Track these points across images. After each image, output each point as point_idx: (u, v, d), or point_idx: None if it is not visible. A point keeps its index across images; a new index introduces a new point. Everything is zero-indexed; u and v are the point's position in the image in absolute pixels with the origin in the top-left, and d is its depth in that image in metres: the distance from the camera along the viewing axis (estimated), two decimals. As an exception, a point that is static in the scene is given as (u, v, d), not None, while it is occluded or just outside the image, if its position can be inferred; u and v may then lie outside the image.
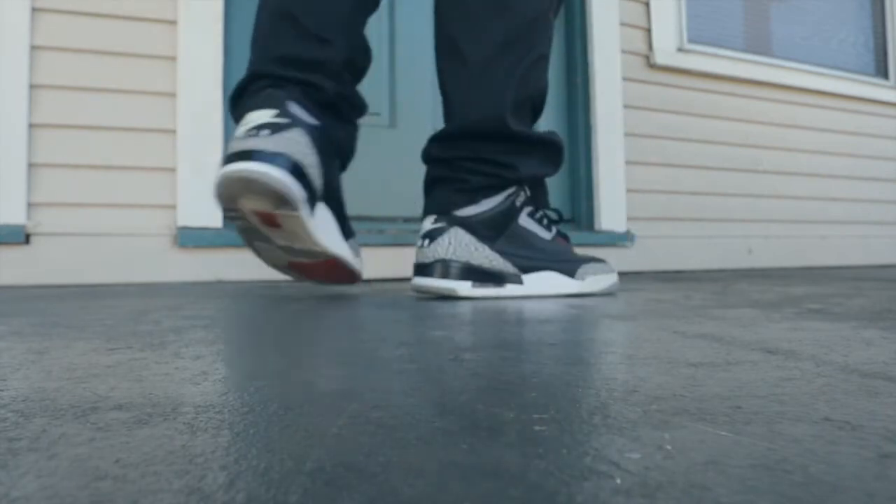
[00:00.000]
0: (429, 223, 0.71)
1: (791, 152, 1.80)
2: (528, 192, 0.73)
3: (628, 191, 1.52)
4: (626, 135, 1.54)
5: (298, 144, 0.59)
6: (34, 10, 1.07)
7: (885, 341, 0.34)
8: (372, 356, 0.31)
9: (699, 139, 1.65)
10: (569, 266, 0.72)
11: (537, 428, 0.18)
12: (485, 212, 0.70)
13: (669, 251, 1.57)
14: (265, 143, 0.57)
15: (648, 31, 1.60)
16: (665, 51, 1.60)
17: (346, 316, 0.52)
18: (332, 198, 0.66)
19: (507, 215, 0.70)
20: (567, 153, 1.55)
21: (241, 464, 0.15)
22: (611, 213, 1.49)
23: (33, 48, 1.07)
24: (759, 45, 1.85)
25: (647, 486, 0.13)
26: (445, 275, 0.67)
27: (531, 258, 0.71)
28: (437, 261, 0.68)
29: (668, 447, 0.16)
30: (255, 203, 0.58)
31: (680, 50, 1.64)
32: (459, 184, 0.71)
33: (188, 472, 0.15)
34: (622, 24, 1.56)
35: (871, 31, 2.09)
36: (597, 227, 1.47)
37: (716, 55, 1.70)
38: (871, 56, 2.08)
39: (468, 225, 0.69)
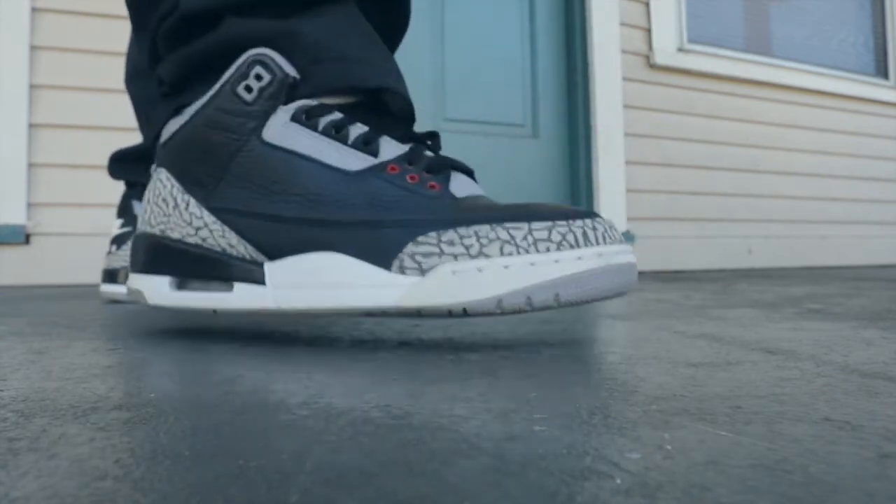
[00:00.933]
0: (118, 222, 0.52)
1: (791, 152, 1.80)
2: (289, 73, 0.33)
3: (628, 191, 1.53)
4: (626, 135, 1.54)
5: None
6: (34, 10, 1.07)
7: (885, 341, 0.34)
8: (372, 356, 0.31)
9: (699, 139, 1.66)
10: (387, 236, 0.30)
11: (537, 428, 0.18)
12: (185, 125, 0.35)
13: (669, 251, 1.57)
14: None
15: (648, 31, 1.60)
16: (665, 51, 1.60)
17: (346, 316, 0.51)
18: None
19: (229, 125, 0.33)
20: (567, 153, 1.56)
21: (241, 464, 0.15)
22: (611, 212, 1.49)
23: (33, 48, 1.07)
24: (759, 45, 1.85)
25: (647, 486, 0.13)
26: (135, 266, 0.37)
27: (289, 218, 0.31)
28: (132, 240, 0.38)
29: (669, 447, 0.16)
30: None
31: (680, 50, 1.64)
32: (158, 83, 0.38)
33: (188, 472, 0.15)
34: (622, 24, 1.56)
35: (871, 30, 2.09)
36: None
37: (716, 55, 1.70)
38: (871, 56, 2.08)
39: (165, 157, 0.36)
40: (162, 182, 0.36)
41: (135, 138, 1.11)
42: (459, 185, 0.33)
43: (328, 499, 0.13)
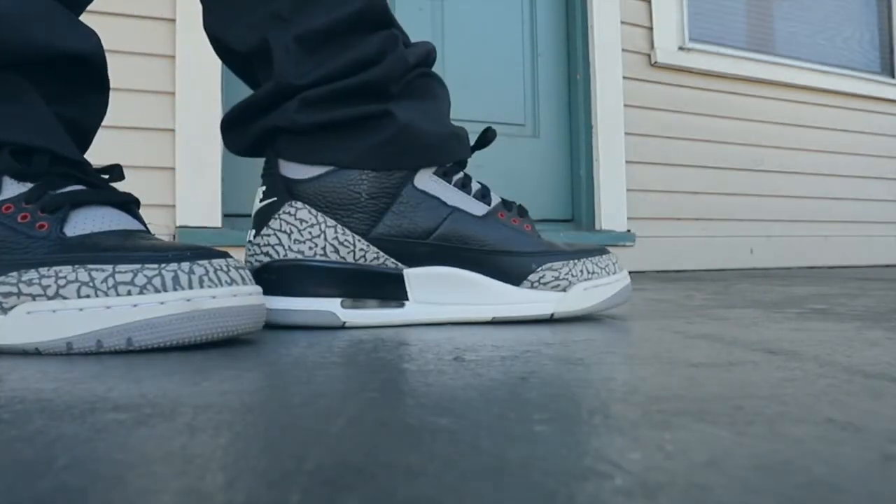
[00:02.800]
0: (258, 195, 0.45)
1: (794, 151, 1.80)
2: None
3: (629, 190, 1.52)
4: (627, 134, 1.53)
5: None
6: (35, 9, 1.07)
7: (889, 342, 0.34)
8: (372, 356, 0.31)
9: (701, 138, 1.65)
10: (515, 263, 0.43)
11: (537, 428, 0.18)
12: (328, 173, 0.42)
13: (670, 251, 1.57)
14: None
15: (650, 29, 1.60)
16: (666, 49, 1.60)
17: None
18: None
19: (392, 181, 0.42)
20: (567, 153, 1.56)
21: (240, 464, 0.15)
22: (611, 212, 1.49)
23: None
24: (761, 43, 1.85)
25: (647, 486, 0.13)
26: (286, 290, 0.41)
27: (429, 234, 0.42)
28: (277, 260, 0.42)
29: (669, 447, 0.16)
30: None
31: (681, 48, 1.64)
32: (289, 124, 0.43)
33: (187, 473, 0.14)
34: (623, 22, 1.55)
35: (876, 28, 2.09)
36: (597, 226, 1.47)
37: (718, 53, 1.69)
38: (877, 53, 2.08)
39: (312, 198, 0.42)
40: (303, 219, 0.41)
41: (134, 137, 1.11)
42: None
43: (328, 499, 0.13)
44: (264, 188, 0.44)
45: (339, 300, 0.41)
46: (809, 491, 0.13)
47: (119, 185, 0.41)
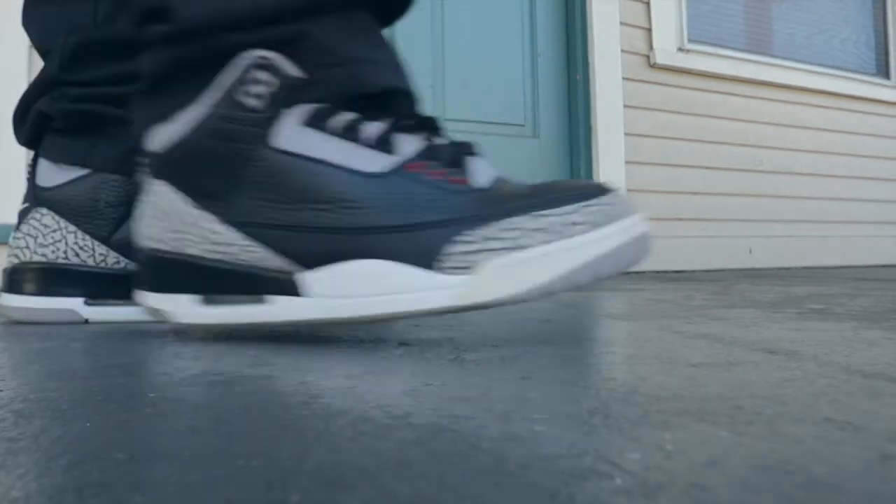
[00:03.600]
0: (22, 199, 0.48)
1: (792, 152, 1.80)
2: (293, 74, 0.32)
3: (628, 190, 1.53)
4: (627, 134, 1.54)
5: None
6: (34, 9, 1.07)
7: (888, 342, 0.34)
8: (371, 356, 0.31)
9: (700, 139, 1.65)
10: (434, 238, 0.30)
11: (537, 428, 0.18)
12: (187, 137, 0.33)
13: (670, 251, 1.57)
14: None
15: (649, 30, 1.60)
16: (665, 50, 1.60)
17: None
18: None
19: (234, 134, 0.32)
20: (567, 153, 1.56)
21: (240, 464, 0.15)
22: (611, 212, 1.49)
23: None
24: (760, 44, 1.85)
25: (647, 486, 0.13)
26: (146, 284, 0.36)
27: (322, 227, 0.31)
28: (22, 262, 0.46)
29: (669, 447, 0.16)
30: None
31: (680, 49, 1.64)
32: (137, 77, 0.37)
33: (187, 472, 0.14)
34: (622, 23, 1.56)
35: (872, 30, 2.09)
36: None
37: (716, 55, 1.70)
38: (873, 55, 2.08)
39: (165, 168, 0.35)
40: (164, 195, 0.34)
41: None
42: (479, 172, 0.32)
43: (328, 499, 0.13)
44: (25, 193, 0.49)
45: (81, 299, 0.44)
46: (809, 490, 0.13)
47: None
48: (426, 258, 0.30)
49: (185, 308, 0.34)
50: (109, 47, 0.44)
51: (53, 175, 0.46)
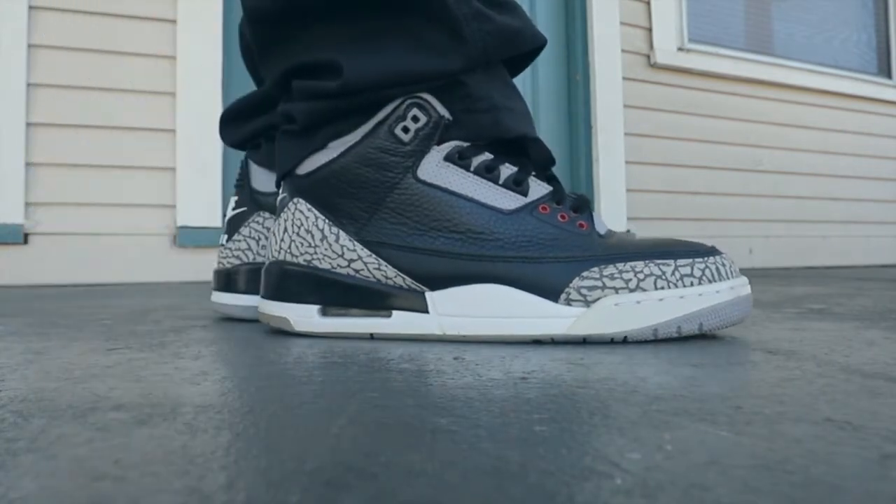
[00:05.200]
0: (233, 200, 0.49)
1: (792, 151, 1.80)
2: (444, 115, 0.35)
3: (628, 190, 1.53)
4: (627, 134, 1.54)
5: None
6: (31, 8, 1.07)
7: (887, 342, 0.34)
8: (372, 356, 0.31)
9: (700, 139, 1.65)
10: (550, 271, 0.33)
11: (537, 428, 0.18)
12: (337, 161, 0.36)
13: (670, 251, 1.57)
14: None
15: (649, 30, 1.60)
16: (666, 50, 1.60)
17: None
18: None
19: (384, 163, 0.35)
20: (567, 153, 1.56)
21: (241, 464, 0.15)
22: (611, 212, 1.49)
23: (31, 47, 1.07)
24: (760, 44, 1.85)
25: (647, 486, 0.13)
26: (267, 291, 0.39)
27: (452, 253, 0.34)
28: (245, 263, 0.46)
29: (669, 447, 0.16)
30: None
31: (681, 49, 1.64)
32: (286, 119, 0.39)
33: (188, 473, 0.14)
34: (623, 23, 1.56)
35: (873, 29, 2.09)
36: (597, 226, 1.48)
37: (717, 54, 1.70)
38: (874, 55, 2.08)
39: (308, 189, 0.37)
40: (303, 213, 0.37)
41: (134, 137, 1.11)
42: (598, 222, 0.36)
43: (328, 499, 0.13)
44: (236, 198, 0.48)
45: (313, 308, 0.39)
46: (808, 490, 0.13)
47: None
48: (553, 290, 0.33)
49: (306, 318, 0.37)
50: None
51: (269, 183, 0.47)
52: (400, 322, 0.35)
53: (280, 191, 0.41)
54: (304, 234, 0.37)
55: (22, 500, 0.13)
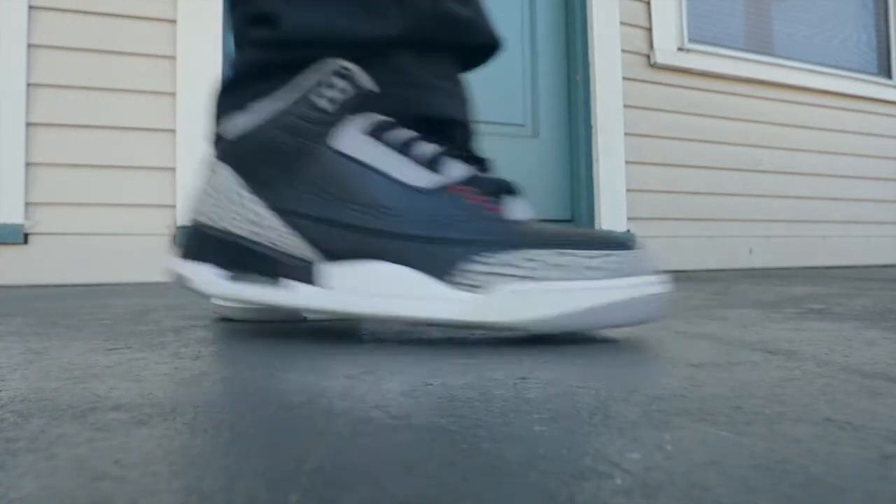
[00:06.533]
0: None
1: (792, 152, 1.80)
2: (367, 86, 0.34)
3: (628, 190, 1.52)
4: (627, 134, 1.54)
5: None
6: (31, 7, 1.07)
7: (887, 342, 0.34)
8: (372, 356, 0.31)
9: (700, 139, 1.65)
10: (448, 253, 0.32)
11: (537, 428, 0.18)
12: (258, 126, 0.35)
13: (670, 251, 1.57)
14: None
15: (649, 30, 1.60)
16: (666, 50, 1.60)
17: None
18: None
19: (302, 130, 0.34)
20: (567, 153, 1.56)
21: (241, 464, 0.15)
22: (611, 212, 1.49)
23: (31, 46, 1.07)
24: (760, 44, 1.85)
25: (647, 486, 0.13)
26: (183, 252, 0.38)
27: (356, 227, 0.33)
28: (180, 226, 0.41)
29: (669, 447, 0.16)
30: None
31: (681, 49, 1.64)
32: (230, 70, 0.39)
33: (188, 473, 0.14)
34: (623, 23, 1.56)
35: (873, 29, 2.09)
36: (597, 226, 1.47)
37: (717, 54, 1.70)
38: (874, 55, 2.08)
39: (231, 154, 0.37)
40: (224, 176, 0.36)
41: (134, 137, 1.11)
42: (516, 208, 0.35)
43: (328, 499, 0.13)
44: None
45: (214, 270, 0.37)
46: (808, 490, 0.13)
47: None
48: (439, 270, 0.32)
49: (212, 280, 0.36)
50: None
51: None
52: (301, 296, 0.34)
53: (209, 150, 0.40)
54: (216, 194, 0.36)
55: (22, 500, 0.13)
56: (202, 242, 0.36)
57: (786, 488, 0.13)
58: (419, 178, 0.34)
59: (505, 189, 0.35)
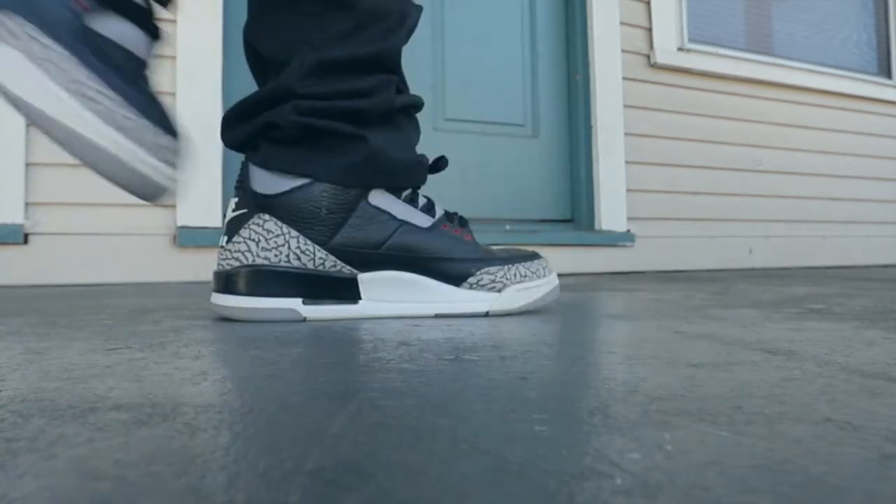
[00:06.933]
0: (233, 201, 0.50)
1: (792, 151, 1.80)
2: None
3: (628, 191, 1.52)
4: (627, 134, 1.54)
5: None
6: (34, 9, 1.07)
7: (887, 342, 0.34)
8: (371, 356, 0.31)
9: (700, 139, 1.65)
10: (456, 267, 0.49)
11: (537, 428, 0.18)
12: (302, 187, 0.47)
13: (670, 251, 1.57)
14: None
15: (649, 30, 1.60)
16: (666, 50, 1.60)
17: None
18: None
19: (342, 200, 0.47)
20: (567, 153, 1.56)
21: (241, 464, 0.15)
22: (611, 213, 1.49)
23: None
24: (760, 44, 1.85)
25: (647, 486, 0.13)
26: (248, 290, 0.46)
27: (390, 255, 0.48)
28: (245, 265, 0.47)
29: (669, 447, 0.16)
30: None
31: (681, 49, 1.64)
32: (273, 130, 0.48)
33: (188, 473, 0.14)
34: (623, 23, 1.56)
35: (873, 29, 2.09)
36: (597, 227, 1.47)
37: (717, 54, 1.70)
38: (874, 55, 2.08)
39: (272, 207, 0.47)
40: (270, 229, 0.47)
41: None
42: (472, 233, 0.53)
43: (328, 499, 0.13)
44: (237, 200, 0.49)
45: (300, 299, 0.47)
46: (808, 490, 0.13)
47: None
48: (456, 280, 0.50)
49: (287, 306, 0.47)
50: (344, 65, 0.48)
51: (274, 183, 0.48)
52: (370, 307, 0.48)
53: (236, 201, 0.49)
54: (272, 243, 0.47)
55: (22, 500, 0.13)
56: (267, 280, 0.47)
57: (786, 488, 0.13)
58: (424, 221, 0.50)
59: (462, 220, 0.53)
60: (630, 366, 0.27)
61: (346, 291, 0.48)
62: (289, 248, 0.47)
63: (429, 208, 0.51)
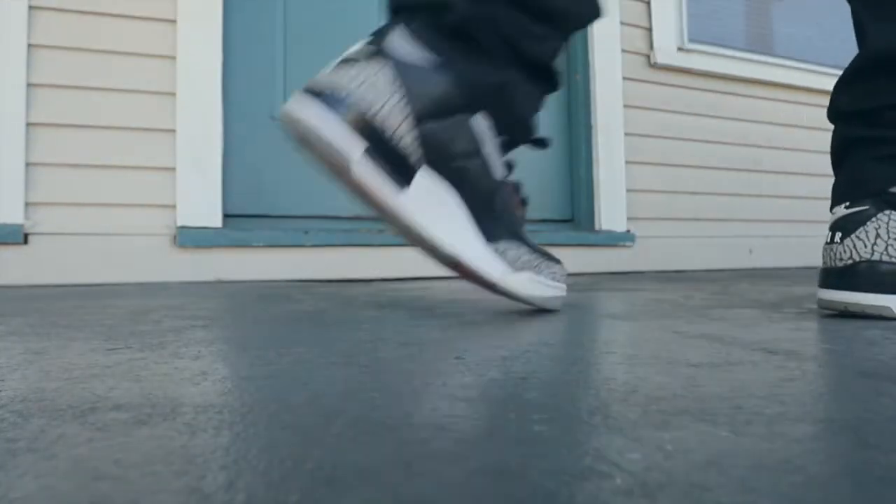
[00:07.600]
0: (841, 209, 0.50)
1: (792, 151, 1.80)
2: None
3: (628, 191, 1.52)
4: (627, 135, 1.53)
5: (372, 84, 0.44)
6: (31, 7, 1.07)
7: (887, 341, 0.34)
8: (372, 356, 0.31)
9: (700, 139, 1.65)
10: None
11: (537, 428, 0.18)
12: None
13: (669, 251, 1.57)
14: (328, 80, 0.44)
15: (649, 30, 1.60)
16: (666, 50, 1.60)
17: (346, 316, 0.51)
18: (459, 174, 0.47)
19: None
20: (567, 153, 1.56)
21: (241, 464, 0.15)
22: (611, 213, 1.49)
23: (31, 47, 1.07)
24: (760, 43, 1.85)
25: (647, 486, 0.13)
26: (875, 285, 0.46)
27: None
28: (858, 262, 0.47)
29: (669, 447, 0.16)
30: (317, 154, 0.45)
31: (681, 49, 1.64)
32: (888, 147, 0.49)
33: (188, 473, 0.14)
34: (623, 23, 1.56)
35: (872, 30, 2.08)
36: (597, 227, 1.47)
37: (717, 54, 1.69)
38: (873, 55, 2.07)
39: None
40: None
41: (134, 137, 1.11)
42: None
43: (328, 499, 0.13)
44: (849, 202, 0.51)
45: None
46: (808, 490, 0.13)
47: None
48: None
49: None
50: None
51: None
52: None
53: (846, 204, 0.50)
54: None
55: (22, 500, 0.13)
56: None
57: (785, 488, 0.13)
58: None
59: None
60: (630, 366, 0.27)
61: None
62: None
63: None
